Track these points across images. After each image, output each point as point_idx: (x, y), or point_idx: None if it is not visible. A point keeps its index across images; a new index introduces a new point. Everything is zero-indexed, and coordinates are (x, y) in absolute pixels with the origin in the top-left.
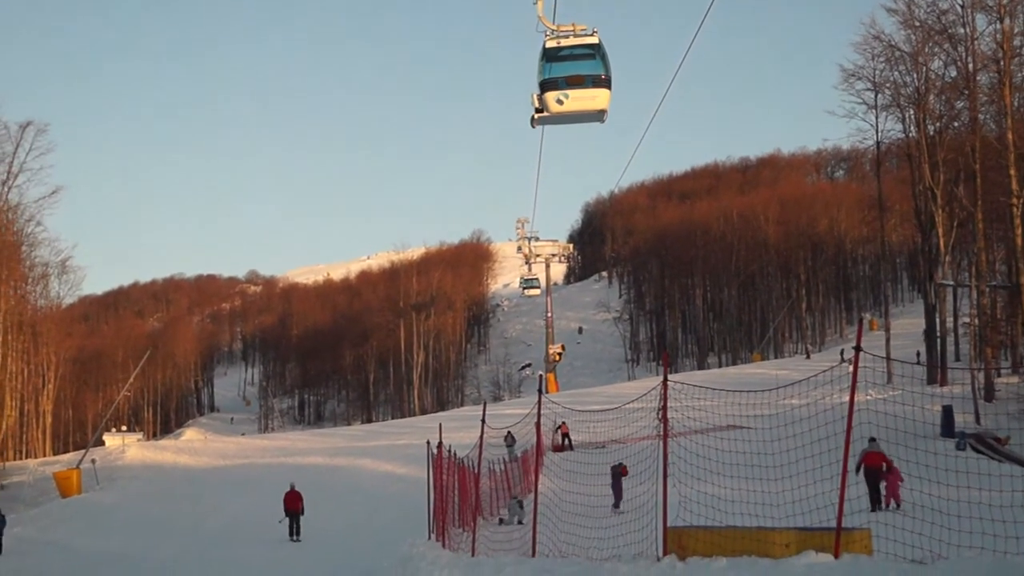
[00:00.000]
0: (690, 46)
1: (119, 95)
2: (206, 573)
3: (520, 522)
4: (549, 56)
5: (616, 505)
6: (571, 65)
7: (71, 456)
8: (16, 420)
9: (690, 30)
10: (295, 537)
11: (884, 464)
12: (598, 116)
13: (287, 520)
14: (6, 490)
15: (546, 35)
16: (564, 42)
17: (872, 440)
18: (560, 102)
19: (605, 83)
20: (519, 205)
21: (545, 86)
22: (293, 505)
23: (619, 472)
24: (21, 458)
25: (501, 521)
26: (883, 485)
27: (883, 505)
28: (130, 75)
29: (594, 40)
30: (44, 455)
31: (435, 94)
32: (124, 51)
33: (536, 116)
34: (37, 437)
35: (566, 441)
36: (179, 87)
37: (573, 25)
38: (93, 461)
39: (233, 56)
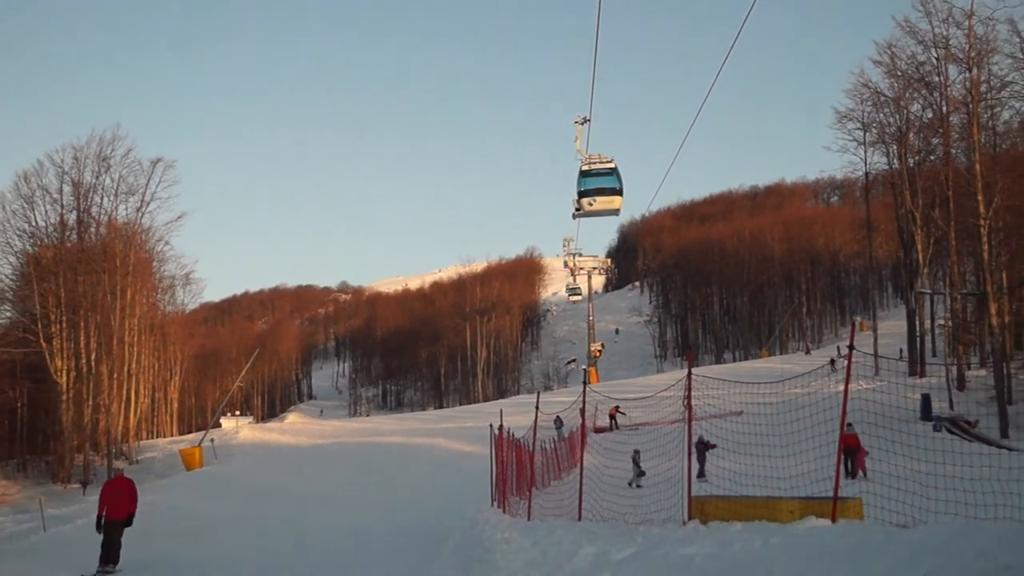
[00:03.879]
0: (709, 92)
1: (236, 132)
2: (305, 531)
3: (638, 485)
4: (583, 175)
5: (700, 475)
6: (598, 180)
7: (194, 436)
8: (148, 406)
9: (709, 75)
10: (108, 568)
11: (857, 444)
12: (615, 213)
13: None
14: (140, 464)
15: (582, 162)
16: (593, 166)
17: (849, 425)
18: (591, 204)
19: (619, 192)
20: (566, 225)
21: (581, 194)
22: (118, 510)
23: (704, 446)
24: (152, 438)
25: (630, 484)
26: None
27: (853, 475)
28: (243, 115)
29: (612, 165)
30: (171, 435)
31: (502, 136)
32: (236, 93)
33: (576, 213)
34: (166, 420)
35: (613, 423)
36: (279, 126)
37: (599, 155)
38: (212, 440)
39: (322, 95)
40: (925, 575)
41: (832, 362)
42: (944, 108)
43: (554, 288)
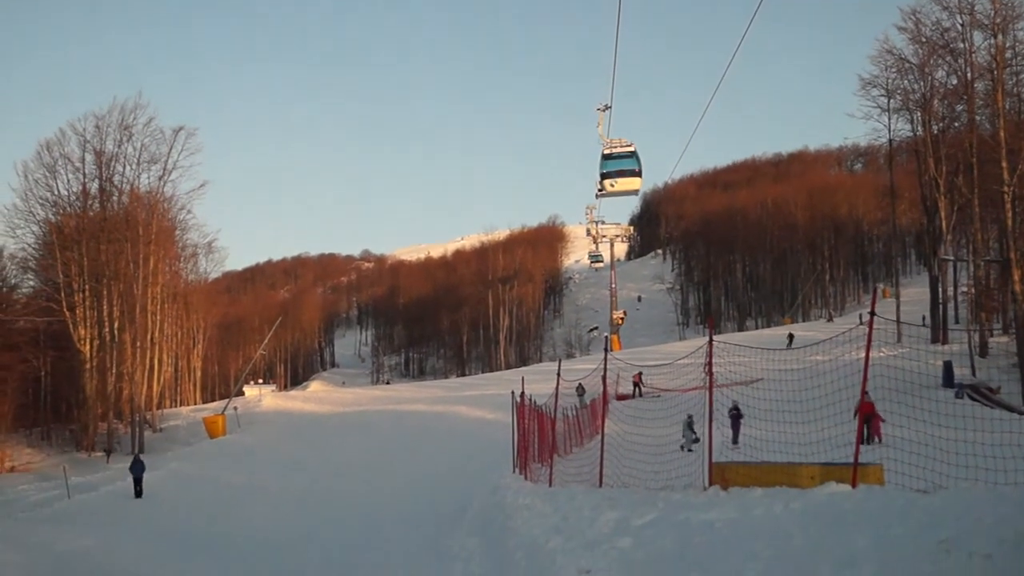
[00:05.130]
0: (730, 62)
1: (258, 100)
2: (329, 500)
3: (690, 449)
4: (605, 158)
5: (734, 442)
6: (618, 162)
7: (217, 404)
8: (172, 375)
9: (734, 41)
10: None
11: (873, 411)
12: (635, 193)
13: None
14: (164, 432)
15: (604, 146)
16: (615, 150)
17: (865, 392)
18: (612, 185)
19: (638, 174)
20: (589, 193)
21: (604, 176)
22: None
23: (737, 415)
24: (176, 406)
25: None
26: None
27: (869, 440)
28: (265, 83)
29: (631, 148)
30: (195, 403)
31: (525, 105)
32: (258, 61)
33: (599, 193)
34: (189, 388)
35: (637, 390)
36: (302, 94)
37: (620, 140)
38: (235, 408)
39: (346, 63)
40: (945, 540)
41: (860, 317)
42: (969, 74)
43: (576, 256)
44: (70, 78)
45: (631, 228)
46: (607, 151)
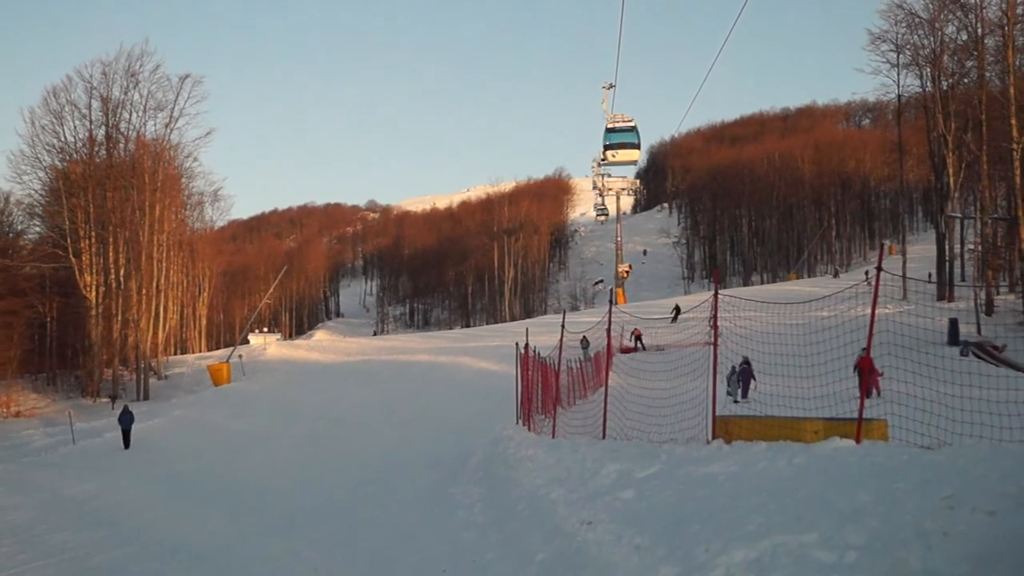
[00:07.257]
0: (739, 15)
1: (266, 49)
2: (333, 449)
3: (736, 400)
4: (609, 131)
5: (744, 396)
6: (620, 135)
7: (222, 352)
8: (177, 322)
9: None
10: None
11: (871, 366)
12: (634, 163)
13: None
14: (169, 379)
15: (607, 121)
16: (617, 124)
17: (864, 349)
18: (614, 156)
19: (637, 147)
20: (595, 145)
21: (607, 147)
22: None
23: (747, 369)
24: (181, 353)
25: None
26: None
27: (869, 394)
28: (273, 32)
29: (632, 124)
30: (200, 351)
31: (533, 57)
32: (266, 10)
33: (602, 162)
34: (194, 336)
35: (638, 344)
36: (311, 43)
37: (622, 115)
38: (240, 356)
39: (355, 14)
40: (949, 496)
41: (867, 274)
42: (979, 30)
43: (582, 209)
44: (78, 25)
45: (637, 182)
46: (610, 125)
